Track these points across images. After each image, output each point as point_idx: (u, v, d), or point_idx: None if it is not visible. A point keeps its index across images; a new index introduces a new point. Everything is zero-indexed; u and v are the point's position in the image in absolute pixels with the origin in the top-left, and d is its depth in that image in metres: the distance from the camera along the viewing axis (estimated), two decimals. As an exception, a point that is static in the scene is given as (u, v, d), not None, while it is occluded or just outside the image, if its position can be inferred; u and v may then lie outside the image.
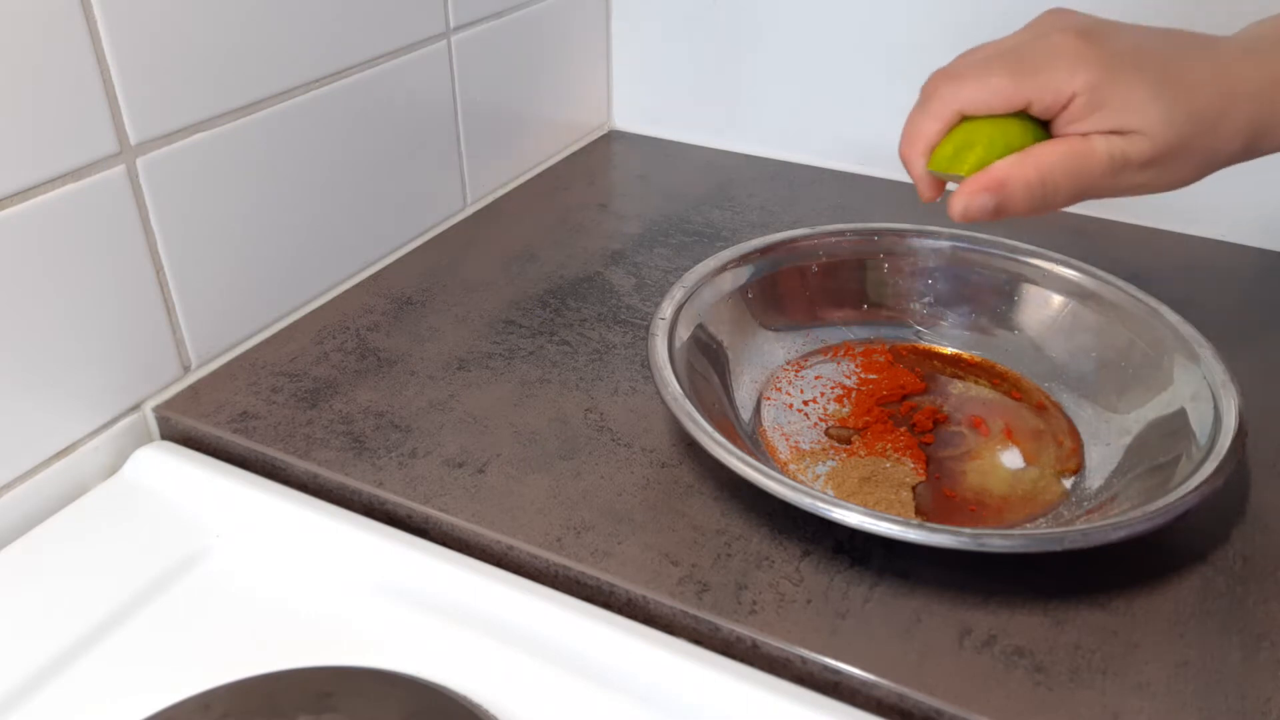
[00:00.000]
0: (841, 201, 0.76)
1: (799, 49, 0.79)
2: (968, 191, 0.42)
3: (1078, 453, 0.50)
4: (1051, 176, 0.41)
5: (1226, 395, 0.47)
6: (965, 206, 0.42)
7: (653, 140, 0.88)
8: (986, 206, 0.42)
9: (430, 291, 0.64)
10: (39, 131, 0.45)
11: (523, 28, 0.75)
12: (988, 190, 0.42)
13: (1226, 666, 0.40)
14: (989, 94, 0.41)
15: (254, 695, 0.38)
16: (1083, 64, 0.40)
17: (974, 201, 0.42)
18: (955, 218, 0.43)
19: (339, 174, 0.62)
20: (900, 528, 0.41)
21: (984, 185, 0.42)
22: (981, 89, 0.42)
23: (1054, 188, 0.41)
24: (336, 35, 0.59)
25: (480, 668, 0.41)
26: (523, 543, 0.45)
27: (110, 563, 0.45)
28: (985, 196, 0.42)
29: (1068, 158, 0.41)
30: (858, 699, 0.40)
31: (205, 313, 0.56)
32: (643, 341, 0.59)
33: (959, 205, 0.42)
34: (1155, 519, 0.41)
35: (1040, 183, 0.41)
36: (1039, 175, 0.41)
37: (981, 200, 0.42)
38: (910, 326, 0.60)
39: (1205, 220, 0.71)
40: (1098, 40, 0.40)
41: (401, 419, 0.53)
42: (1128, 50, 0.40)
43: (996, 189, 0.41)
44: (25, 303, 0.46)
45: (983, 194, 0.42)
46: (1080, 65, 0.40)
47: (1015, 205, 0.42)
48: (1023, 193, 0.41)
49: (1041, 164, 0.41)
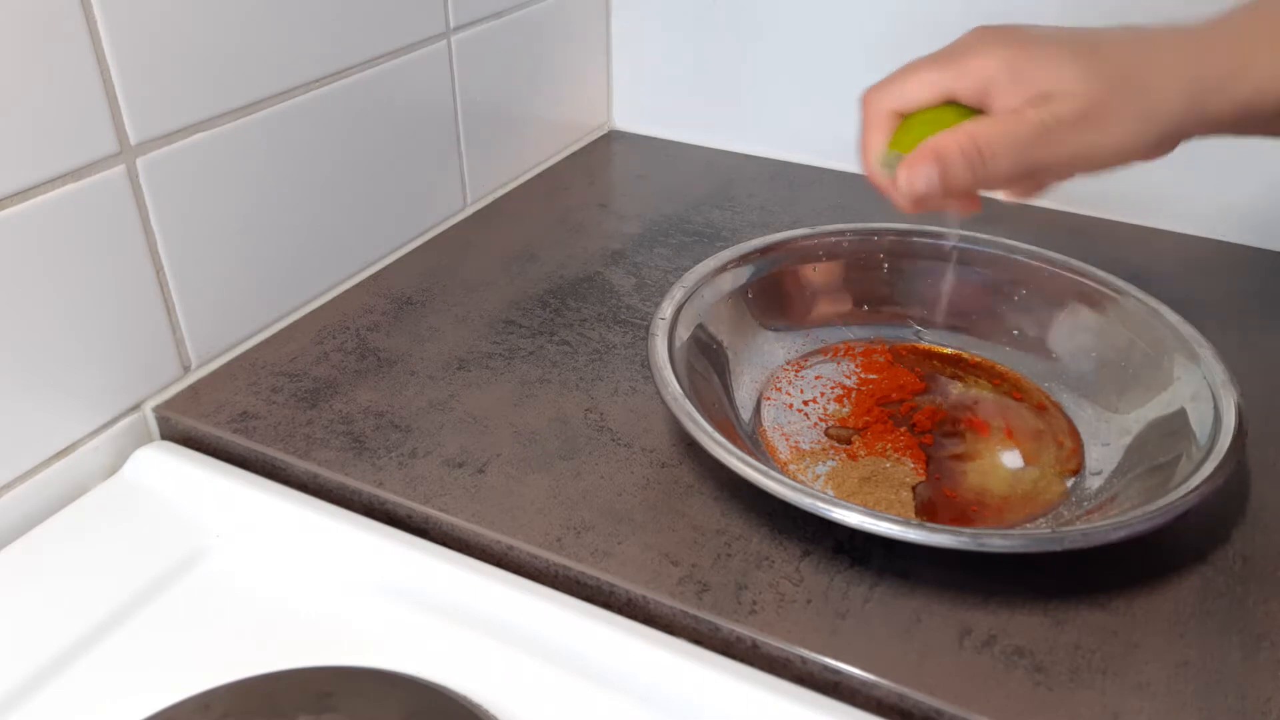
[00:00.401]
0: (841, 201, 0.76)
1: (799, 49, 0.79)
2: (906, 168, 0.43)
3: (1078, 453, 0.50)
4: (988, 143, 0.41)
5: (1226, 395, 0.47)
6: (909, 181, 0.42)
7: (653, 140, 0.88)
8: (931, 178, 0.42)
9: (430, 291, 0.64)
10: (39, 131, 0.45)
11: (523, 28, 0.75)
12: (924, 161, 0.42)
13: (1226, 666, 0.40)
14: (915, 87, 0.43)
15: (254, 695, 0.38)
16: (998, 46, 0.42)
17: (916, 175, 0.42)
18: (903, 200, 0.43)
19: (339, 174, 0.62)
20: (900, 528, 0.41)
21: (921, 158, 0.42)
22: (906, 83, 0.43)
23: (991, 154, 0.41)
24: (336, 35, 0.59)
25: (480, 668, 0.41)
26: (523, 543, 0.45)
27: (110, 563, 0.45)
28: (924, 167, 0.42)
29: (998, 124, 0.41)
30: (858, 699, 0.40)
31: (205, 313, 0.56)
32: (643, 341, 0.59)
33: (902, 182, 0.43)
34: (1155, 519, 0.41)
35: (976, 150, 0.41)
36: (973, 142, 0.41)
37: (923, 171, 0.42)
38: (910, 326, 0.60)
39: (1205, 220, 0.71)
40: (1013, 31, 0.43)
41: (401, 419, 0.53)
42: (1042, 33, 0.42)
43: (934, 159, 0.42)
44: (25, 303, 0.46)
45: (921, 165, 0.42)
46: (996, 47, 0.42)
47: (956, 175, 0.42)
48: (960, 160, 0.41)
49: (976, 132, 0.41)
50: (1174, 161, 0.64)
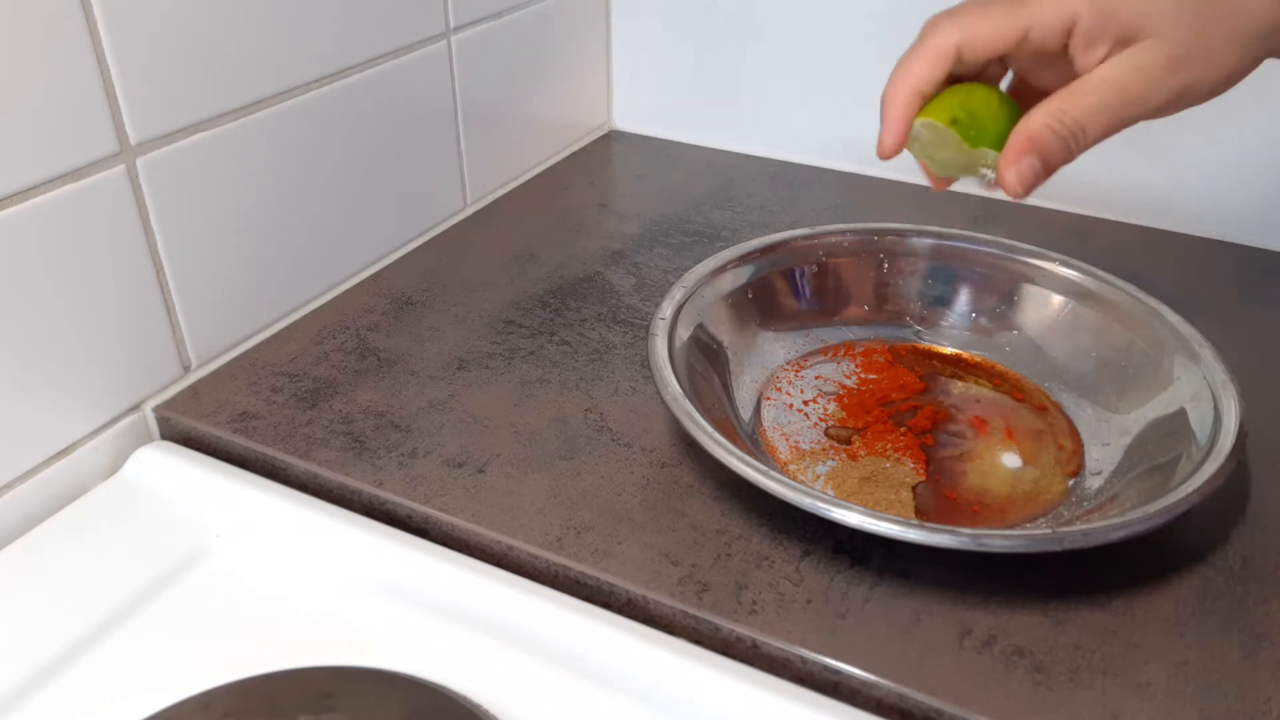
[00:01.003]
0: (841, 201, 0.76)
1: (799, 49, 0.79)
2: (1011, 166, 0.40)
3: (1078, 454, 0.50)
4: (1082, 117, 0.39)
5: (1226, 395, 0.47)
6: (1018, 179, 0.40)
7: (653, 140, 0.88)
8: (1035, 167, 0.40)
9: (430, 291, 0.64)
10: (39, 131, 0.45)
11: (523, 28, 0.75)
12: (1025, 153, 0.40)
13: (1226, 666, 0.40)
14: (988, 26, 0.40)
15: (254, 695, 0.38)
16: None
17: (1022, 168, 0.40)
18: (1014, 193, 0.41)
19: (339, 174, 0.62)
20: (900, 528, 0.41)
21: (1020, 150, 0.40)
22: (981, 17, 0.40)
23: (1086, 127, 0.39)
24: (336, 35, 0.59)
25: (480, 668, 0.41)
26: (523, 543, 0.45)
27: (110, 563, 0.45)
28: (1028, 159, 0.40)
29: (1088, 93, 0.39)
30: (858, 699, 0.40)
31: (205, 313, 0.56)
32: (643, 341, 0.59)
33: (1011, 178, 0.40)
34: (1155, 519, 0.41)
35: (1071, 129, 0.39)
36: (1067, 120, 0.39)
37: (1028, 163, 0.40)
38: (910, 326, 0.60)
39: (1205, 220, 0.71)
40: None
41: (401, 419, 0.53)
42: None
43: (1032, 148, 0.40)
44: (25, 303, 0.46)
45: (1024, 158, 0.40)
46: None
47: (1055, 158, 0.40)
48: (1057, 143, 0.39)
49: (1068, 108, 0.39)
50: (1174, 161, 0.65)
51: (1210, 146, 0.69)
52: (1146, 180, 0.72)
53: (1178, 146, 0.70)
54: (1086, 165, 0.76)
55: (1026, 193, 0.41)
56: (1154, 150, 0.71)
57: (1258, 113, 0.66)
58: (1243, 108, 0.66)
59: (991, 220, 0.73)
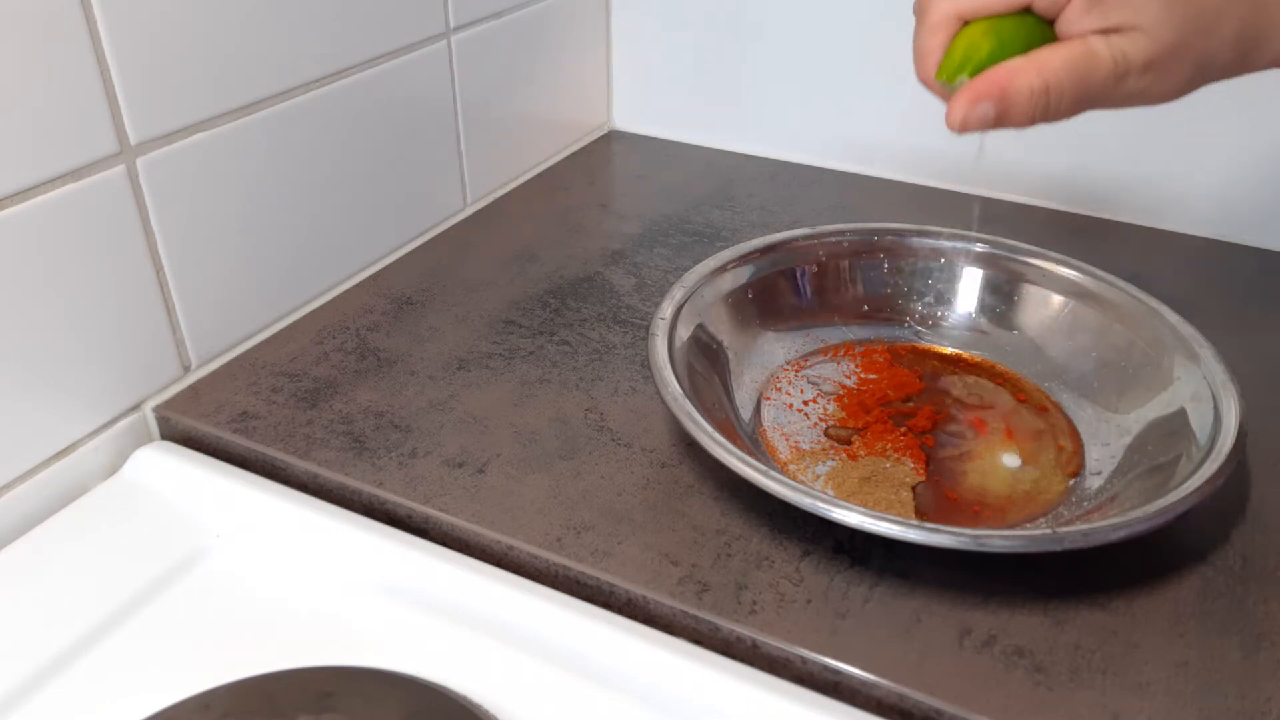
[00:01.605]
0: (841, 201, 0.76)
1: (799, 49, 0.79)
2: (966, 99, 0.39)
3: (1078, 454, 0.50)
4: (1057, 81, 0.38)
5: (1226, 395, 0.47)
6: (964, 116, 0.39)
7: (653, 140, 0.88)
8: (987, 115, 0.39)
9: (430, 291, 0.64)
10: (39, 131, 0.45)
11: (523, 28, 0.75)
12: (987, 97, 0.39)
13: (1226, 666, 0.40)
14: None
15: (254, 695, 0.38)
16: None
17: (973, 111, 0.39)
18: (953, 128, 0.40)
19: (339, 174, 0.62)
20: (900, 528, 0.41)
21: (983, 92, 0.39)
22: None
23: (1059, 94, 0.39)
24: (336, 35, 0.59)
25: (480, 668, 0.41)
26: (523, 543, 0.45)
27: (110, 563, 0.45)
28: (985, 104, 0.39)
29: (1072, 61, 0.38)
30: (858, 699, 0.40)
31: (205, 313, 0.56)
32: (643, 341, 0.59)
33: (957, 114, 0.39)
34: (1155, 519, 0.41)
35: (1045, 89, 0.39)
36: (1043, 81, 0.38)
37: (982, 109, 0.39)
38: (910, 326, 0.60)
39: (1205, 220, 0.71)
40: None
41: (401, 419, 0.53)
42: None
43: (998, 95, 0.39)
44: (25, 303, 0.46)
45: (983, 101, 0.39)
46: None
47: (1017, 114, 0.39)
48: (1026, 101, 0.39)
49: (1045, 68, 0.38)
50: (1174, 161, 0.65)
51: (1211, 146, 0.69)
52: (1147, 180, 0.72)
53: (1178, 146, 0.70)
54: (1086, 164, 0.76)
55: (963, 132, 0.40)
56: (1155, 150, 0.71)
57: (1259, 113, 0.66)
58: (1244, 108, 0.66)
59: (991, 220, 0.73)
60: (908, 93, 0.46)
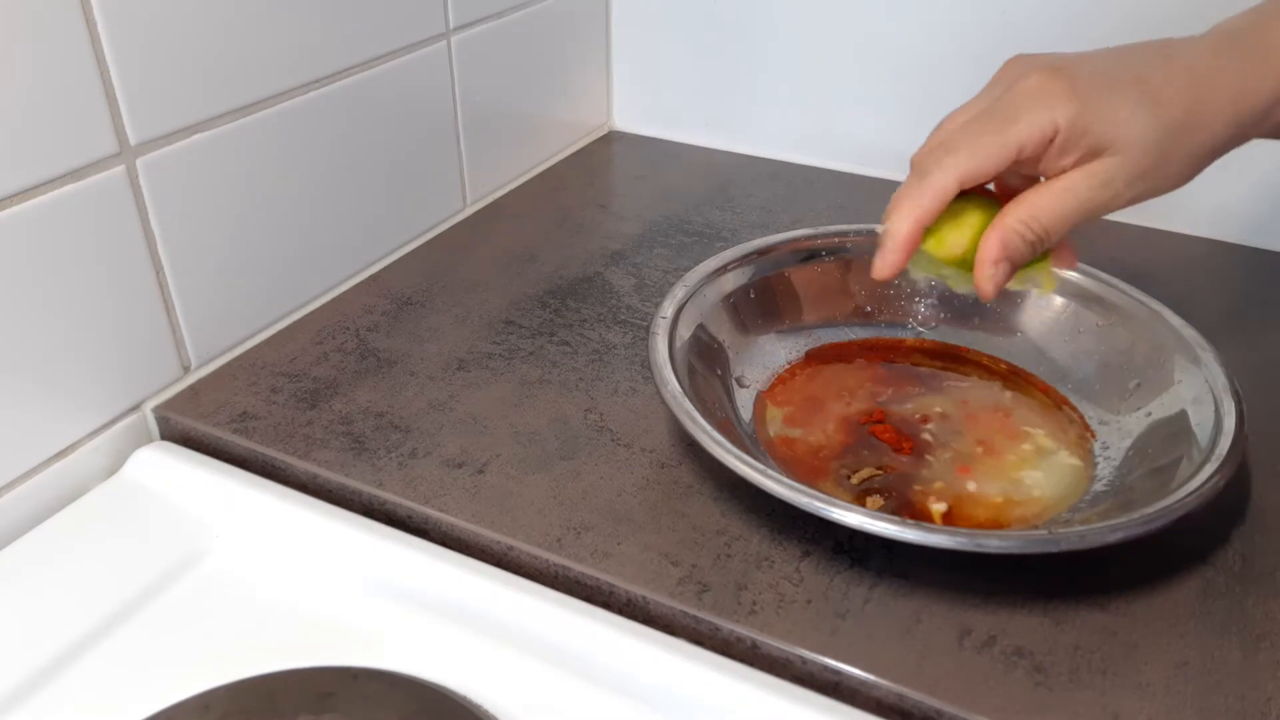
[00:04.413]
0: (841, 201, 0.76)
1: (799, 49, 0.79)
2: (985, 269, 0.43)
3: (1088, 429, 0.51)
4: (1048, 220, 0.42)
5: (1227, 398, 0.47)
6: (993, 282, 0.43)
7: (653, 140, 0.88)
8: (1007, 272, 0.43)
9: (430, 291, 0.64)
10: (38, 132, 0.45)
11: (523, 28, 0.75)
12: (997, 261, 0.42)
13: (1226, 666, 0.40)
14: (983, 158, 0.41)
15: (254, 695, 0.38)
16: (1059, 99, 0.40)
17: (997, 273, 0.43)
18: (988, 296, 0.43)
19: (339, 174, 0.62)
20: (900, 528, 0.41)
21: (991, 257, 0.42)
22: (975, 155, 0.42)
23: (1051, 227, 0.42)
24: (336, 35, 0.59)
25: (480, 668, 0.41)
26: (523, 543, 0.45)
27: (110, 563, 0.45)
28: (1002, 267, 0.42)
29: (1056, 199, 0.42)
30: (858, 699, 0.40)
31: (205, 313, 0.56)
32: (643, 341, 0.59)
33: (988, 285, 0.43)
34: (1154, 521, 0.41)
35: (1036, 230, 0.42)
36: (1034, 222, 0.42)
37: (1003, 270, 0.43)
38: (910, 327, 0.60)
39: (1205, 220, 0.71)
40: (1066, 74, 0.41)
41: (401, 419, 0.53)
42: (1098, 75, 0.41)
43: (1003, 255, 0.42)
44: (25, 303, 0.46)
45: (998, 265, 0.42)
46: (1057, 101, 0.40)
47: (1022, 257, 0.43)
48: (1023, 245, 0.42)
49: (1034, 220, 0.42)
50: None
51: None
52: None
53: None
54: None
55: (998, 294, 0.43)
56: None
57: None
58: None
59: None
60: (907, 93, 0.46)
